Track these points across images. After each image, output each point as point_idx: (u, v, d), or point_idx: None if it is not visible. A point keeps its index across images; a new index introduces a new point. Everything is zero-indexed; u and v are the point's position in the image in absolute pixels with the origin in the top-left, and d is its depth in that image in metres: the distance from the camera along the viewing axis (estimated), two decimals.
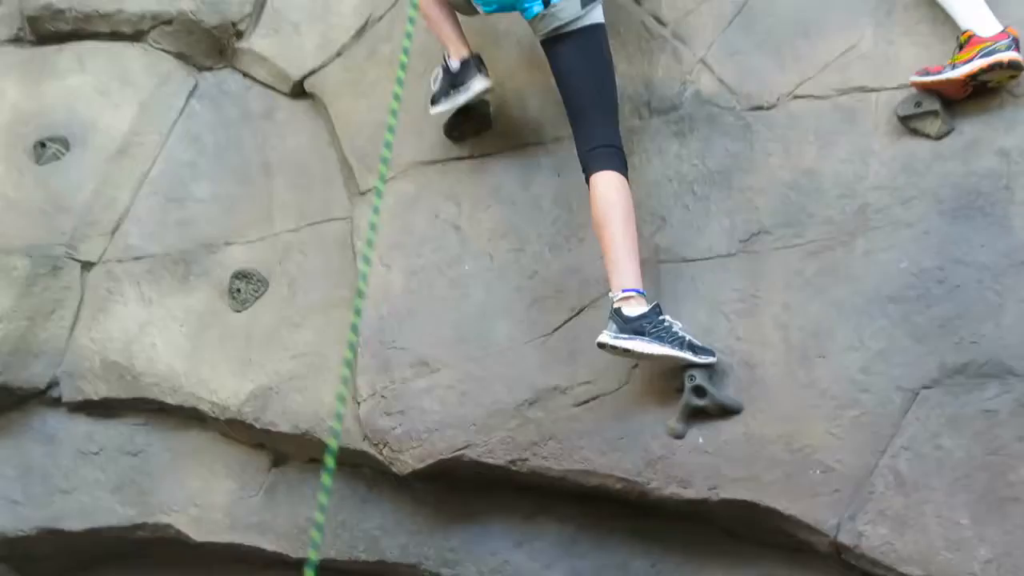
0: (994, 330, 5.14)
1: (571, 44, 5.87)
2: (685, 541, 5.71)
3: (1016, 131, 5.36)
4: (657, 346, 5.44)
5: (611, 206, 5.61)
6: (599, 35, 5.89)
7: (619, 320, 5.45)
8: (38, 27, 7.29)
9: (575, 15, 5.77)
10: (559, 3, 5.76)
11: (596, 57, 5.91)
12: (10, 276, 6.76)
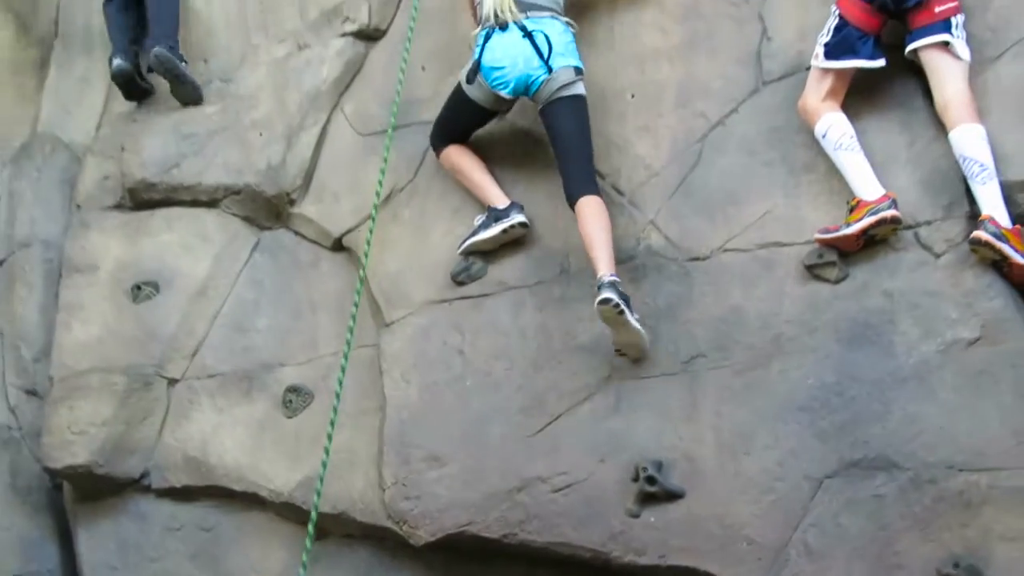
0: (881, 432, 5.19)
1: (566, 106, 6.02)
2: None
3: (898, 276, 5.40)
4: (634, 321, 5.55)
5: (597, 218, 5.78)
6: (584, 104, 6.06)
7: (616, 290, 5.51)
8: (136, 196, 7.30)
9: (570, 80, 5.99)
10: (558, 71, 5.96)
11: (583, 119, 6.04)
12: (112, 390, 6.70)
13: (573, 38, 6.20)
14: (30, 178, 7.66)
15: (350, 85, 7.14)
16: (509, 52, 6.09)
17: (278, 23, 7.38)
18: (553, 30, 6.11)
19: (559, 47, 6.07)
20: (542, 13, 6.17)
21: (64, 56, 8.11)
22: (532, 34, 6.06)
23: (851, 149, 5.51)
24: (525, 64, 6.04)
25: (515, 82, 6.09)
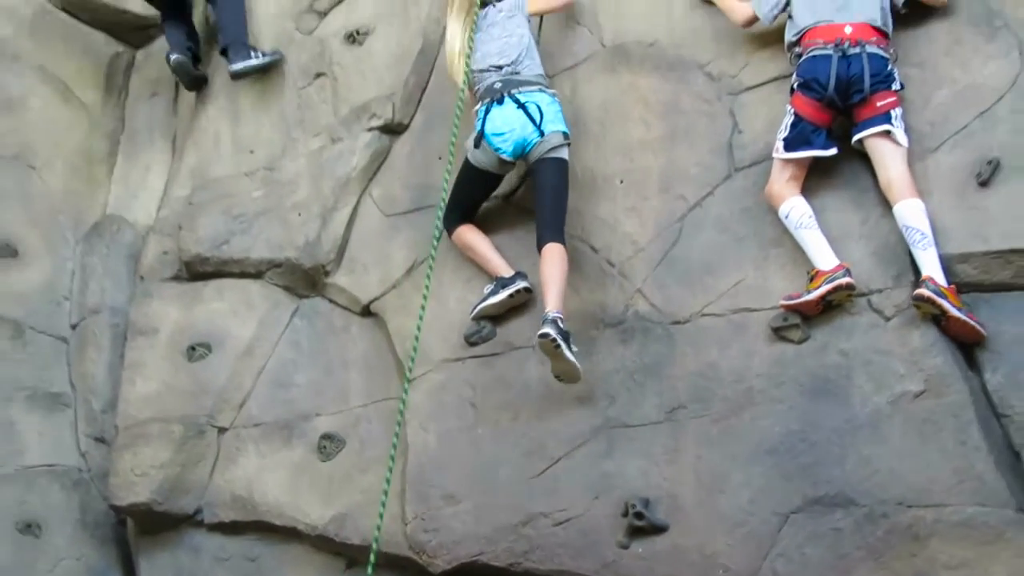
0: (840, 473, 5.19)
1: (552, 165, 6.13)
2: None
3: (853, 337, 5.41)
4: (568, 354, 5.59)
5: (556, 262, 5.87)
6: (567, 167, 6.17)
7: (557, 326, 5.59)
8: (191, 269, 7.34)
9: (559, 143, 6.12)
10: (549, 135, 6.10)
11: (564, 179, 6.15)
12: (170, 437, 6.71)
13: (559, 107, 6.30)
14: (100, 254, 7.67)
15: (377, 172, 7.15)
16: (508, 121, 6.18)
17: (314, 119, 7.41)
18: (542, 101, 6.22)
19: (549, 115, 6.17)
20: (531, 87, 6.29)
21: (130, 148, 8.19)
22: (525, 105, 6.19)
23: (809, 227, 5.54)
24: (521, 130, 6.14)
25: (514, 145, 6.18)
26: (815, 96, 5.64)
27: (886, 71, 5.58)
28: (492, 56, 6.43)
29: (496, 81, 6.35)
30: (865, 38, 5.60)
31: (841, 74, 5.57)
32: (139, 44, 8.48)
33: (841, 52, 5.60)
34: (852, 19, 5.66)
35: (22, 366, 7.22)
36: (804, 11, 5.80)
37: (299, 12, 7.73)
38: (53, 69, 8.06)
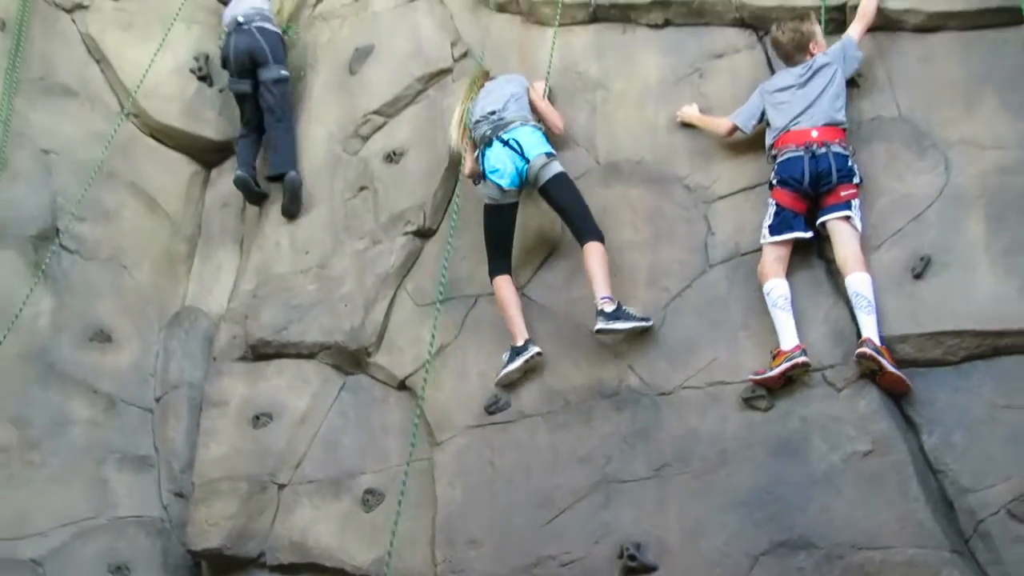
0: (801, 520, 5.19)
1: (553, 183, 6.25)
2: None
3: (811, 406, 5.44)
4: (626, 323, 5.79)
5: (597, 255, 5.98)
6: (565, 177, 6.28)
7: (604, 314, 5.78)
8: (256, 351, 7.36)
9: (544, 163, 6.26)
10: (534, 159, 6.26)
11: (570, 186, 6.28)
12: (238, 492, 6.70)
13: (541, 133, 6.41)
14: (180, 338, 7.70)
15: (410, 269, 7.19)
16: (499, 159, 6.28)
17: (359, 225, 7.46)
18: (523, 133, 6.33)
19: (530, 143, 6.28)
20: (514, 125, 6.41)
21: (205, 250, 8.24)
22: (508, 142, 6.29)
23: (783, 308, 5.57)
24: (511, 163, 6.25)
25: (510, 177, 6.25)
26: (792, 189, 5.72)
27: (848, 166, 5.66)
28: (485, 108, 6.59)
29: (487, 128, 6.48)
30: (830, 139, 5.70)
31: (812, 171, 5.66)
32: (213, 163, 8.56)
33: (811, 153, 5.68)
34: (817, 123, 5.75)
35: (115, 433, 7.21)
36: (777, 118, 5.91)
37: (346, 137, 7.83)
38: (142, 185, 8.13)
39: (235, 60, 8.01)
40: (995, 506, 4.97)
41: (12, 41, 7.94)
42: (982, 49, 5.90)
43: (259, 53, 7.96)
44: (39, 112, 7.92)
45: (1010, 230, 5.40)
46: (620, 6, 7.05)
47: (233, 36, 8.02)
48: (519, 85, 6.69)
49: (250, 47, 7.96)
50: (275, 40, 8.07)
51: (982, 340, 5.28)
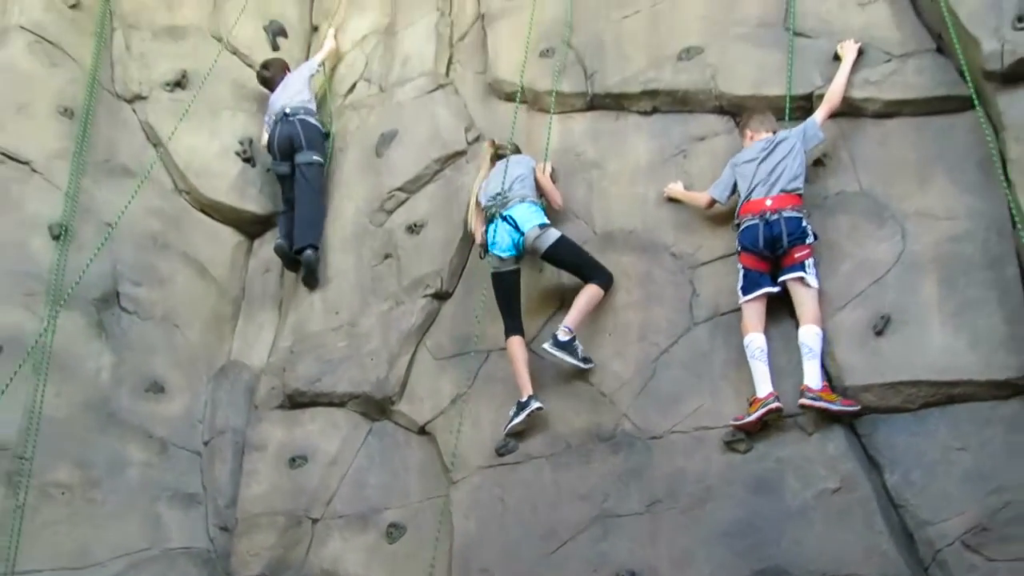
0: (777, 550, 5.19)
1: (553, 248, 6.36)
2: None
3: (785, 448, 5.45)
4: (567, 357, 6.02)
5: (586, 294, 6.16)
6: (564, 240, 6.36)
7: (555, 339, 6.03)
8: (292, 401, 7.37)
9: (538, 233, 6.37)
10: (527, 232, 6.36)
11: (570, 247, 6.38)
12: (276, 526, 6.72)
13: (538, 207, 6.49)
14: (225, 389, 7.71)
15: (429, 328, 7.21)
16: (499, 233, 6.39)
17: (384, 288, 7.49)
18: (519, 210, 6.40)
19: (525, 217, 6.36)
20: (514, 201, 6.49)
21: (248, 311, 8.28)
22: (507, 218, 6.38)
23: (759, 359, 5.59)
24: (509, 236, 6.35)
25: (508, 248, 6.35)
26: (752, 253, 5.77)
27: (801, 228, 5.70)
28: (492, 189, 6.68)
29: (492, 207, 6.56)
30: (782, 206, 5.75)
31: (766, 236, 5.71)
32: (255, 234, 8.61)
33: (764, 220, 5.73)
34: (771, 193, 5.81)
35: (167, 473, 7.22)
36: (743, 188, 5.97)
37: (372, 211, 7.90)
38: (192, 254, 8.18)
39: (278, 146, 8.18)
40: (951, 537, 4.96)
41: (79, 128, 8.02)
42: (933, 132, 5.96)
43: (297, 140, 8.12)
44: (103, 190, 7.98)
45: (960, 292, 5.43)
46: (613, 95, 7.15)
47: (279, 125, 8.20)
48: (526, 167, 6.77)
49: (291, 135, 8.13)
50: (313, 131, 8.21)
51: (937, 389, 5.29)
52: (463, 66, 8.24)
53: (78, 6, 8.62)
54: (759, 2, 6.81)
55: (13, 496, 6.59)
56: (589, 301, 6.20)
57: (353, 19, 9.10)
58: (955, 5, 5.74)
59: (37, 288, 7.33)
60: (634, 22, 7.27)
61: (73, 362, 7.21)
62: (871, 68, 6.17)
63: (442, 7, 8.59)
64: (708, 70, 6.75)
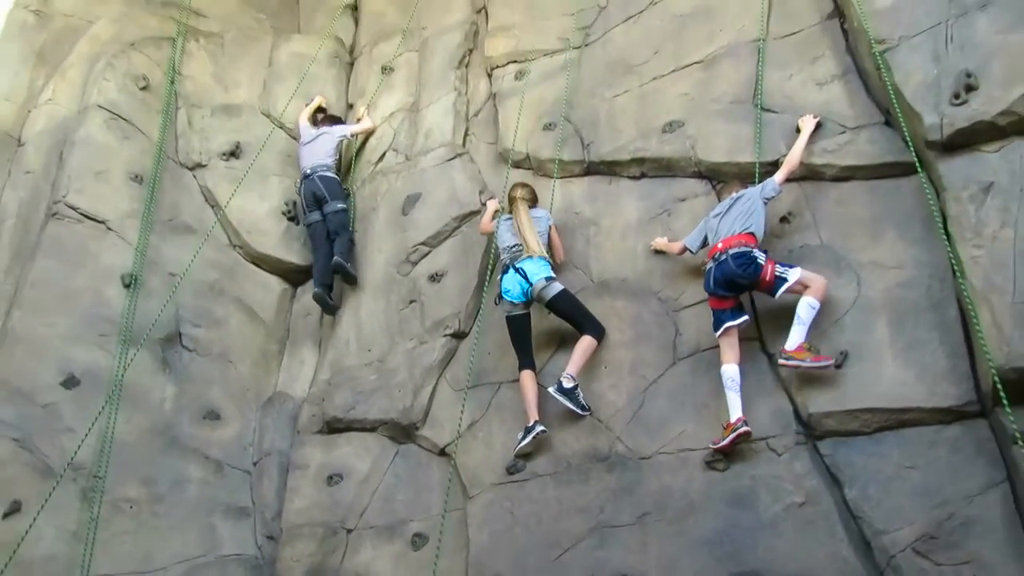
0: (752, 557, 5.21)
1: (556, 300, 6.39)
2: None
3: (758, 467, 5.48)
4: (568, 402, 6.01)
5: (583, 344, 6.19)
6: (565, 293, 6.42)
7: (560, 386, 6.04)
8: (330, 426, 7.37)
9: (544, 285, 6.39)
10: (535, 282, 6.37)
11: (570, 299, 6.43)
12: (315, 536, 6.72)
13: (546, 263, 6.47)
14: (272, 416, 7.72)
15: (449, 362, 7.23)
16: (511, 282, 6.43)
17: (409, 329, 7.52)
18: (530, 264, 6.42)
19: (534, 271, 6.39)
20: (526, 257, 6.50)
21: (292, 349, 8.29)
22: (519, 270, 6.40)
23: (732, 389, 5.61)
24: (518, 285, 6.38)
25: (518, 295, 6.38)
26: (711, 294, 5.83)
27: (749, 257, 5.69)
28: (509, 241, 6.72)
29: (506, 257, 6.61)
30: (730, 246, 5.77)
31: (716, 276, 5.76)
32: (298, 283, 8.64)
33: (716, 261, 5.78)
34: (724, 236, 5.85)
35: (221, 490, 7.23)
36: (710, 239, 6.05)
37: (399, 262, 7.93)
38: (244, 299, 8.23)
39: (305, 200, 8.44)
40: (903, 545, 4.97)
41: (148, 192, 8.13)
42: (883, 194, 6.00)
43: (320, 193, 8.35)
44: (167, 245, 8.07)
45: (908, 331, 5.47)
46: (607, 163, 7.23)
47: (304, 183, 8.44)
48: (543, 224, 6.79)
49: (314, 190, 8.35)
50: (333, 184, 8.41)
51: (889, 415, 5.32)
52: (477, 138, 8.34)
53: (147, 88, 8.80)
54: (732, 82, 6.89)
55: (88, 509, 6.65)
56: (585, 352, 6.24)
57: (383, 98, 9.20)
58: (901, 85, 5.83)
59: (110, 330, 7.42)
60: (624, 100, 7.37)
61: (141, 393, 7.27)
62: (829, 139, 6.24)
63: (459, 87, 8.70)
64: (688, 141, 6.84)
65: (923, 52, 5.84)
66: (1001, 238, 5.15)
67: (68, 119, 8.43)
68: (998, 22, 5.63)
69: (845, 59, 6.54)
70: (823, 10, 6.84)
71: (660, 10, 7.61)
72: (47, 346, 7.21)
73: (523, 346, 6.54)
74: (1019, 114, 5.37)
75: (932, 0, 5.97)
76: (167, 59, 9.06)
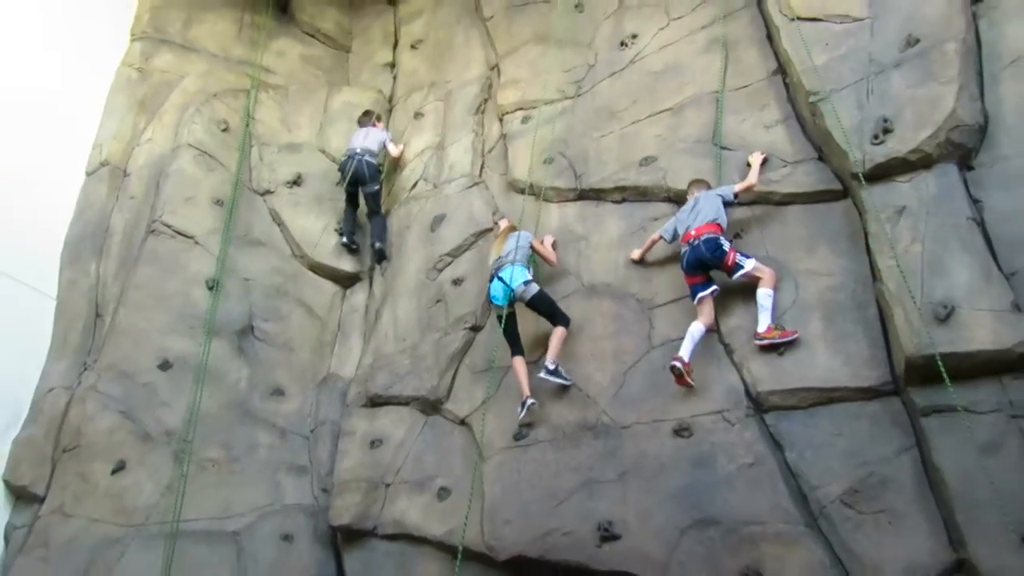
0: (711, 508, 5.22)
1: (533, 300, 6.31)
2: None
3: (716, 435, 5.46)
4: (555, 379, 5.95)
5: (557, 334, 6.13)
6: (541, 293, 6.33)
7: (546, 368, 5.98)
8: (372, 401, 7.33)
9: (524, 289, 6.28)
10: (516, 287, 6.23)
11: (545, 296, 6.36)
12: (360, 489, 6.62)
13: (525, 268, 6.36)
14: (326, 393, 7.67)
15: (467, 351, 7.20)
16: (496, 288, 6.35)
17: (435, 324, 7.46)
18: (508, 271, 6.32)
19: (512, 276, 6.28)
20: (510, 265, 6.38)
21: (342, 339, 8.22)
22: (502, 277, 6.33)
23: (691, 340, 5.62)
24: (502, 291, 6.30)
25: (500, 298, 6.30)
26: (686, 272, 5.81)
27: (717, 243, 5.66)
28: (492, 256, 6.61)
29: (494, 267, 6.53)
30: (701, 233, 5.75)
31: (690, 259, 5.74)
32: (348, 286, 8.59)
33: (691, 246, 5.75)
34: (697, 224, 5.82)
35: (285, 452, 7.20)
36: (680, 230, 6.02)
37: (428, 270, 7.90)
38: (304, 299, 8.19)
39: (346, 176, 8.43)
40: (832, 497, 4.98)
41: (227, 213, 8.17)
42: (817, 215, 5.99)
43: (361, 175, 8.36)
44: (243, 256, 8.08)
45: (837, 326, 5.46)
46: (595, 190, 7.21)
47: (351, 160, 8.41)
48: (524, 239, 6.74)
49: (356, 171, 8.26)
50: (372, 169, 8.26)
51: (822, 393, 5.31)
52: (491, 170, 8.31)
53: (227, 130, 8.86)
54: (695, 126, 6.89)
55: (179, 468, 6.69)
56: (560, 339, 6.20)
57: (414, 138, 9.19)
58: (831, 128, 5.85)
59: (197, 324, 7.48)
60: (609, 139, 7.37)
61: (221, 374, 7.30)
62: (773, 171, 6.25)
63: (476, 130, 8.69)
64: (661, 172, 6.84)
65: (849, 102, 5.87)
66: (911, 252, 5.17)
67: (164, 155, 8.51)
68: (909, 78, 5.68)
69: (786, 107, 6.55)
70: (768, 68, 6.85)
71: (638, 68, 7.62)
72: (146, 337, 7.30)
73: (512, 337, 6.48)
74: (925, 151, 5.43)
75: (856, 60, 6.03)
76: (243, 107, 9.13)
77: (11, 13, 8.34)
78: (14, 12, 8.38)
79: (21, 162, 7.90)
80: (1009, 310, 4.77)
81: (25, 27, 8.46)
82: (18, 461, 6.94)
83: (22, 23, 8.45)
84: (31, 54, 8.42)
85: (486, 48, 9.30)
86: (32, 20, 8.56)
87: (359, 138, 8.63)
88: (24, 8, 8.51)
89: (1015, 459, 4.53)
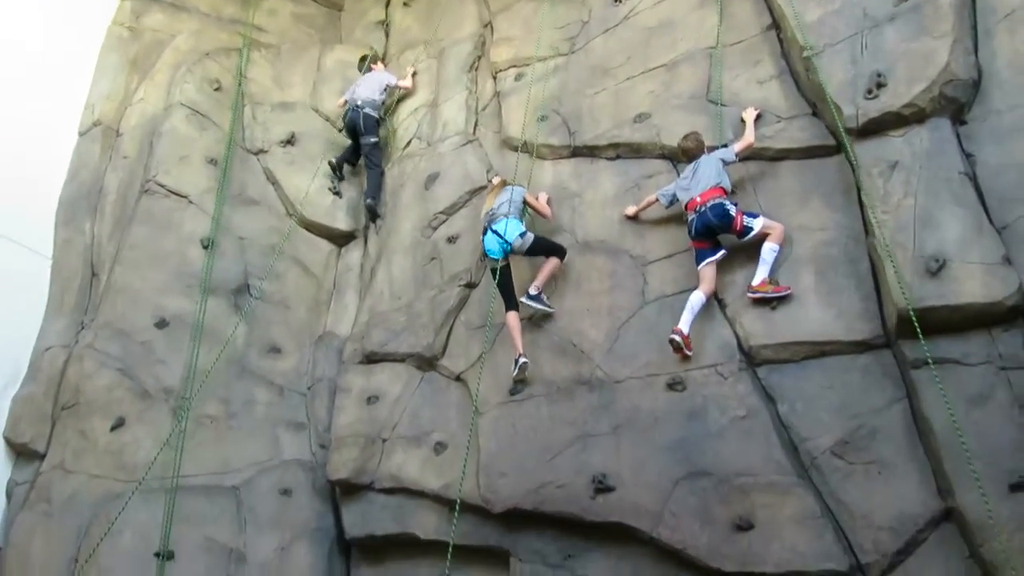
0: (702, 458, 5.24)
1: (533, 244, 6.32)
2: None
3: (708, 388, 5.45)
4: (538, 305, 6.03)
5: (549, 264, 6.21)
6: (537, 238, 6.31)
7: (528, 294, 6.08)
8: (369, 358, 7.28)
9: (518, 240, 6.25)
10: (512, 240, 6.19)
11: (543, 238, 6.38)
12: (358, 444, 6.62)
13: (519, 221, 6.31)
14: (323, 350, 7.63)
15: (462, 308, 7.14)
16: (490, 241, 6.31)
17: (431, 280, 7.37)
18: (502, 224, 6.26)
19: (510, 230, 6.23)
20: (503, 218, 6.31)
21: (338, 297, 8.14)
22: (495, 231, 6.27)
23: (690, 312, 5.56)
24: (497, 243, 6.26)
25: (496, 252, 6.26)
26: (694, 236, 5.72)
27: (724, 209, 5.58)
28: (488, 208, 6.52)
29: (486, 221, 6.46)
30: (707, 199, 5.66)
31: (698, 225, 5.66)
32: (342, 244, 8.51)
33: (697, 213, 5.67)
34: (700, 190, 5.73)
35: (283, 409, 7.20)
36: (683, 196, 5.90)
37: (423, 227, 7.82)
38: (299, 258, 8.12)
39: (346, 126, 8.41)
40: (823, 448, 4.99)
41: (221, 172, 8.06)
42: (810, 170, 5.93)
43: (359, 127, 8.32)
44: (237, 215, 8.00)
45: (829, 280, 5.43)
46: (589, 147, 7.11)
47: (350, 112, 8.38)
48: (518, 193, 6.67)
49: (355, 122, 8.25)
50: (371, 121, 8.23)
51: (813, 347, 5.30)
52: (485, 128, 8.19)
53: (220, 89, 8.73)
54: (689, 82, 6.78)
55: (177, 424, 6.66)
56: (551, 269, 6.20)
57: (409, 96, 9.05)
58: (825, 83, 5.75)
59: (193, 282, 7.43)
60: (603, 96, 7.24)
61: (218, 332, 7.24)
62: (767, 127, 6.16)
63: (470, 87, 8.55)
64: (654, 129, 6.73)
65: (843, 57, 5.77)
66: (904, 206, 5.12)
67: (156, 115, 8.41)
68: (903, 33, 5.58)
69: (780, 63, 6.43)
70: (763, 23, 6.72)
71: (631, 24, 7.47)
72: (142, 296, 7.25)
73: (506, 291, 6.42)
74: (919, 106, 5.35)
75: (850, 15, 5.93)
76: (235, 66, 8.99)
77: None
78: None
79: (14, 123, 7.78)
80: (1000, 263, 4.74)
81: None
82: (18, 419, 6.94)
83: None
84: (21, 13, 8.25)
85: (479, 5, 9.11)
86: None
87: (360, 88, 8.53)
88: None
89: (1003, 410, 4.54)
